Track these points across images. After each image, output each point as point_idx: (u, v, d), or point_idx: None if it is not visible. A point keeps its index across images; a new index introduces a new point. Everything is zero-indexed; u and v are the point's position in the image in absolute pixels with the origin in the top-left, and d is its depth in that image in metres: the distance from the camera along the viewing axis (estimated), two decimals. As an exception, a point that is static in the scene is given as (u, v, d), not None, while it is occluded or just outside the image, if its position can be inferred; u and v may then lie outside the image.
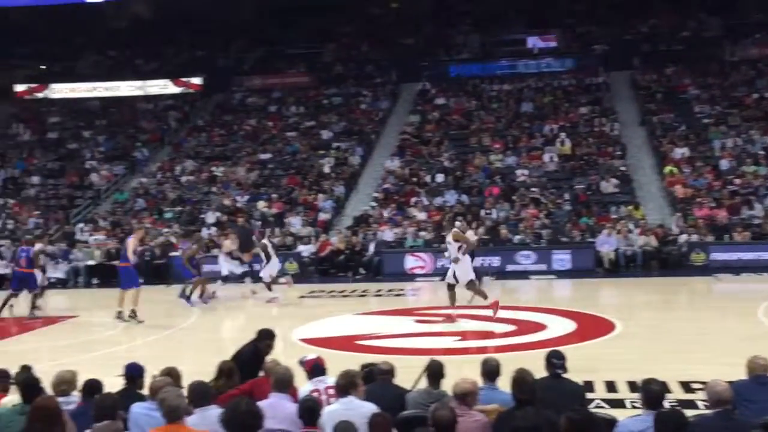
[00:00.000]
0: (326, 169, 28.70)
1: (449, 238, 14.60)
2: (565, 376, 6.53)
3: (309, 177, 28.40)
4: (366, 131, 31.32)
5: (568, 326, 13.71)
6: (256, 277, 19.11)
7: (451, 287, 14.59)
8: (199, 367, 8.21)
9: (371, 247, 23.27)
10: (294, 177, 28.54)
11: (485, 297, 14.50)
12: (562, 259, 22.20)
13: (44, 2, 33.84)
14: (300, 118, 32.97)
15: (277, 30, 35.82)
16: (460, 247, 14.49)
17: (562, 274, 21.55)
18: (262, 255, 18.37)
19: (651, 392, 5.54)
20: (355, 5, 36.44)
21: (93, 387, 6.42)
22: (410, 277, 22.17)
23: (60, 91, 36.34)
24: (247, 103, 34.90)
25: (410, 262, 22.84)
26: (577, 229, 23.19)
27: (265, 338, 8.33)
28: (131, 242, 16.39)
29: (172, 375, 6.63)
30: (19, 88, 36.52)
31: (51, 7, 34.00)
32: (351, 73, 35.46)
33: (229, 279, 19.92)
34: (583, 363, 9.13)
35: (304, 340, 13.08)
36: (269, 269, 18.24)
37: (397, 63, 34.90)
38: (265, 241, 18.64)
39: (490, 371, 6.54)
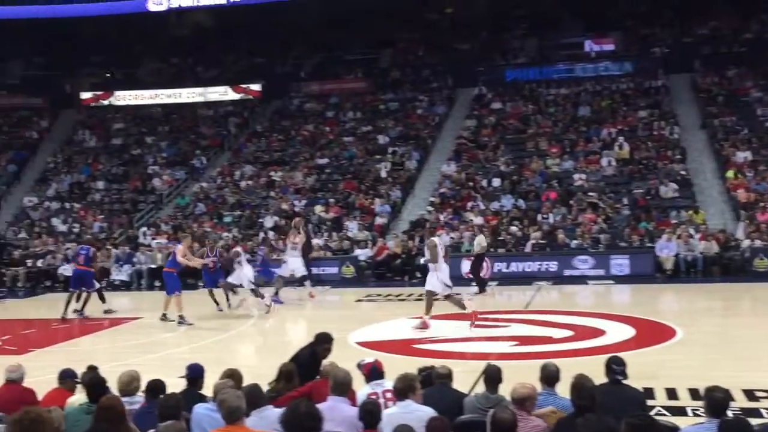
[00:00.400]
0: (383, 174, 28.82)
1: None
2: (625, 382, 6.48)
3: (366, 181, 28.55)
4: (422, 136, 31.35)
5: (627, 332, 13.54)
6: (315, 280, 19.33)
7: (446, 296, 14.84)
8: (259, 369, 8.35)
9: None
10: (351, 182, 28.73)
11: (427, 312, 14.64)
12: (620, 264, 21.91)
13: (109, 12, 34.64)
14: (357, 123, 33.17)
15: (335, 36, 36.12)
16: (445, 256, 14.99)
17: (620, 279, 21.27)
18: (235, 264, 18.18)
19: (715, 400, 5.42)
20: (412, 11, 36.53)
21: (157, 387, 6.59)
22: (467, 281, 22.08)
23: (124, 98, 37.15)
24: (304, 109, 35.24)
25: (467, 266, 22.76)
26: (636, 234, 22.86)
27: (322, 341, 8.40)
28: (180, 249, 16.88)
29: (234, 377, 6.75)
30: (85, 95, 37.43)
31: (116, 17, 34.80)
32: (407, 78, 35.53)
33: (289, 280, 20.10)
34: (643, 369, 9.03)
35: (361, 344, 13.16)
36: (247, 276, 17.99)
37: (453, 68, 34.86)
38: (238, 249, 18.64)
39: (549, 376, 6.50)
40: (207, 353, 12.60)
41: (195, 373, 7.18)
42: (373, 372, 6.87)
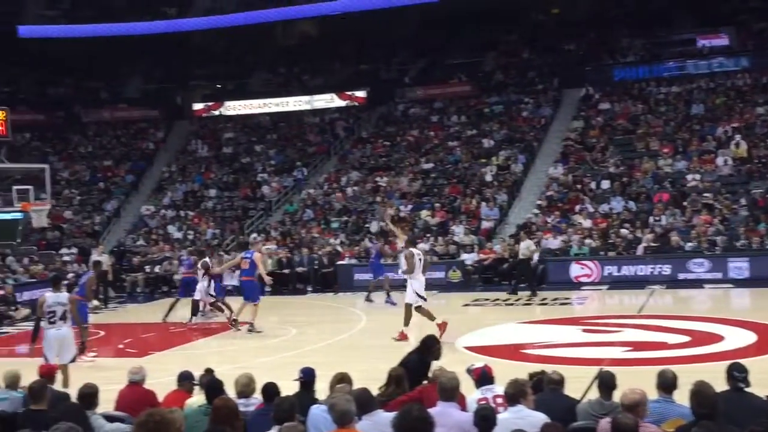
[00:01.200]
0: (488, 178, 28.63)
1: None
2: (747, 390, 6.22)
3: (471, 185, 28.43)
4: (528, 138, 30.99)
5: (748, 338, 13.02)
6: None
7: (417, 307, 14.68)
8: (368, 373, 8.42)
9: (535, 256, 22.97)
10: (456, 186, 28.66)
11: (406, 323, 14.52)
12: (739, 267, 21.04)
13: (220, 25, 35.75)
14: (462, 127, 33.06)
15: (439, 41, 36.13)
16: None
17: (739, 283, 20.43)
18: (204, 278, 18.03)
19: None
20: (516, 13, 36.18)
21: (272, 390, 6.74)
22: (576, 285, 21.71)
23: (234, 108, 38.18)
24: (409, 114, 35.39)
25: (576, 270, 22.38)
26: (755, 236, 21.91)
27: (430, 345, 8.41)
28: (258, 257, 17.03)
29: (344, 381, 6.84)
30: (197, 106, 38.70)
31: (226, 29, 35.88)
32: (512, 80, 35.20)
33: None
34: (766, 377, 8.63)
35: (469, 348, 13.13)
36: (208, 290, 17.97)
37: (559, 69, 34.31)
38: (206, 260, 18.32)
39: (667, 383, 6.29)
40: (317, 357, 12.80)
41: (308, 377, 7.32)
42: (483, 377, 6.83)
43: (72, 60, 36.99)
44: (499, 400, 6.37)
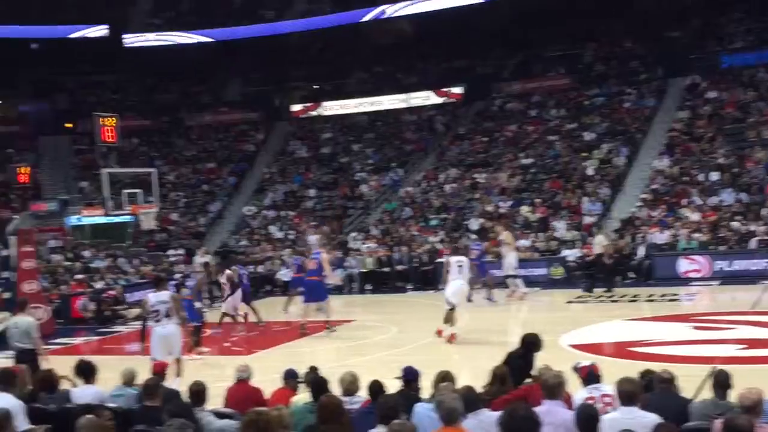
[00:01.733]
0: (590, 172, 28.03)
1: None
2: None
3: (572, 180, 27.90)
4: (631, 130, 30.17)
5: None
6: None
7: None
8: (471, 371, 8.34)
9: (641, 250, 22.38)
10: (557, 181, 28.18)
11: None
12: None
13: (316, 27, 36.27)
14: (561, 120, 32.47)
15: (536, 34, 35.57)
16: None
17: None
18: (227, 288, 17.65)
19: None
20: (617, 1, 35.28)
21: (376, 388, 6.75)
22: (684, 281, 21.00)
23: (331, 108, 38.56)
24: (507, 109, 34.99)
25: (684, 265, 21.64)
26: None
27: (533, 344, 8.29)
28: (325, 258, 16.93)
29: (447, 379, 6.79)
30: (295, 107, 39.30)
31: (322, 30, 36.36)
32: (613, 71, 34.32)
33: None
34: None
35: (574, 346, 12.87)
36: (233, 301, 17.55)
37: (663, 57, 33.21)
38: (230, 271, 18.04)
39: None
40: (418, 355, 12.78)
41: (410, 375, 7.31)
42: (590, 375, 6.68)
43: (175, 66, 38.18)
44: (607, 400, 6.23)
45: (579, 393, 6.49)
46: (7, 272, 18.79)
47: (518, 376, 7.51)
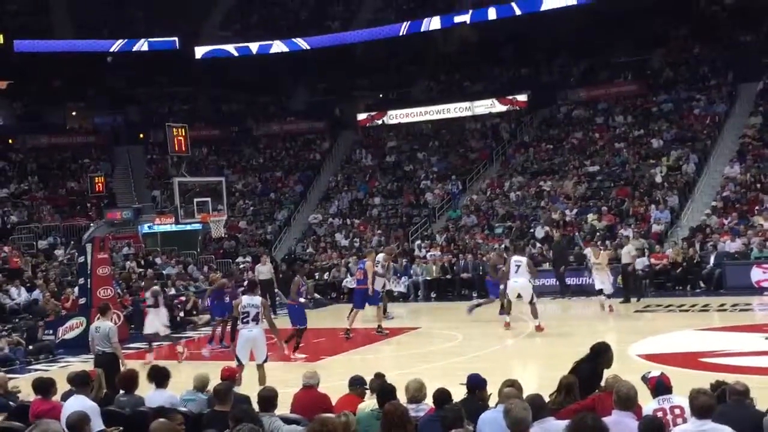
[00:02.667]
0: (658, 179, 27.56)
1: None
2: None
3: (640, 188, 27.48)
4: (700, 137, 29.58)
5: None
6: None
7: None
8: (537, 381, 8.32)
9: (711, 259, 21.91)
10: (624, 188, 27.78)
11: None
12: None
13: (382, 36, 36.53)
14: (628, 127, 32.00)
15: (602, 40, 35.19)
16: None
17: None
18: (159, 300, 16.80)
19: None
20: (687, 6, 34.66)
21: (443, 396, 6.79)
22: (758, 290, 20.48)
23: (396, 117, 38.74)
24: (572, 116, 34.66)
25: (757, 274, 21.10)
26: None
27: (602, 353, 8.19)
28: (369, 266, 17.60)
29: (514, 387, 6.79)
30: (361, 116, 39.59)
31: (387, 39, 36.60)
32: (682, 77, 33.72)
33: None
34: None
35: (643, 356, 12.69)
36: (157, 320, 16.52)
37: (734, 62, 32.48)
38: (156, 288, 17.37)
39: None
40: (484, 363, 12.75)
41: (476, 383, 7.32)
42: (660, 386, 6.57)
43: (243, 77, 38.88)
44: (677, 411, 6.13)
45: (648, 404, 6.41)
46: (83, 278, 19.33)
47: (586, 386, 7.44)
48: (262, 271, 22.89)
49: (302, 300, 15.90)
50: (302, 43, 37.53)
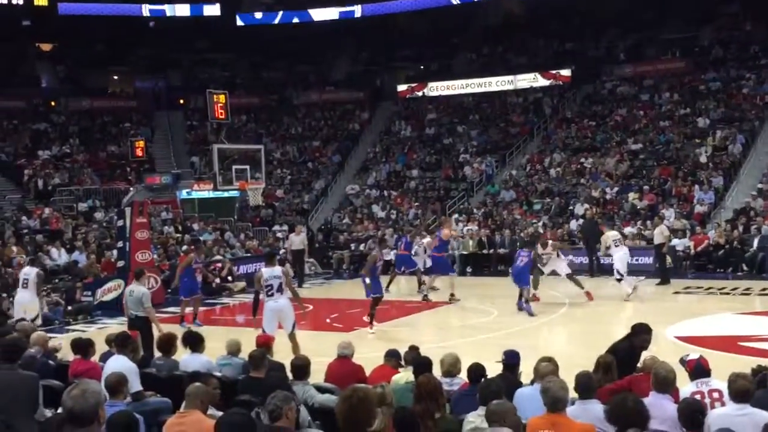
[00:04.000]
0: (703, 159, 27.05)
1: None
2: None
3: (684, 167, 27.00)
4: (748, 117, 28.93)
5: None
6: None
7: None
8: (574, 359, 8.21)
9: (755, 242, 21.49)
10: (667, 168, 27.31)
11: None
12: None
13: (425, 6, 36.18)
14: (674, 105, 31.41)
15: (651, 16, 34.48)
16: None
17: None
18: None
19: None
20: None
21: (478, 371, 6.73)
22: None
23: (437, 89, 38.44)
24: (617, 93, 34.09)
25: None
26: None
27: (641, 333, 8.05)
28: (446, 234, 18.82)
29: (550, 365, 6.70)
30: (401, 87, 39.35)
31: (429, 10, 36.24)
32: (732, 55, 32.96)
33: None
34: None
35: (681, 338, 12.51)
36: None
37: (785, 41, 31.70)
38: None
39: None
40: (521, 339, 12.64)
41: (512, 359, 7.26)
42: (698, 369, 6.42)
43: (284, 45, 38.78)
44: (716, 395, 6.00)
45: (686, 387, 6.29)
46: (122, 242, 19.53)
47: (624, 365, 7.33)
48: (294, 241, 22.94)
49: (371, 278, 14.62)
50: (344, 13, 37.30)
